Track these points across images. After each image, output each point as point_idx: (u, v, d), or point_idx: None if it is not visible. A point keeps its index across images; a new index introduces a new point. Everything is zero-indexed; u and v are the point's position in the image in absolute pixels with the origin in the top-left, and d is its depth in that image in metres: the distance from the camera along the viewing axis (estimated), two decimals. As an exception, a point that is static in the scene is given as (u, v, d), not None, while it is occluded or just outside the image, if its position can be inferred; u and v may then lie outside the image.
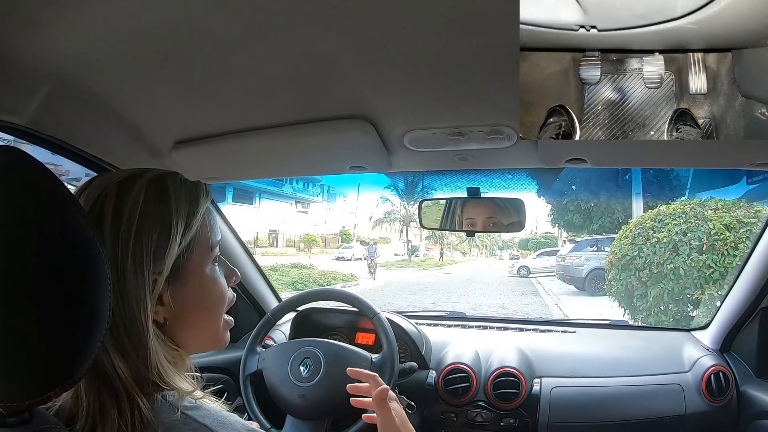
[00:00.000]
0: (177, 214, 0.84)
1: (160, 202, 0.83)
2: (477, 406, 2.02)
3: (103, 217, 0.79)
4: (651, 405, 1.93)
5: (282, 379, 1.93)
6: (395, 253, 31.72)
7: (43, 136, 1.31)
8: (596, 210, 16.21)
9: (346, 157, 1.65)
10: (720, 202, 8.35)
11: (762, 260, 1.85)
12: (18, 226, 0.62)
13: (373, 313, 1.98)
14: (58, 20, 0.97)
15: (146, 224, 0.80)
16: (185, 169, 1.53)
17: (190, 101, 1.35)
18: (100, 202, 0.80)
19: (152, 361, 0.79)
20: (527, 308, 13.39)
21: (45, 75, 1.16)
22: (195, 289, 0.87)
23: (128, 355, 0.78)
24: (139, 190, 0.82)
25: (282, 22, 0.97)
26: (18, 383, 0.64)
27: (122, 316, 0.77)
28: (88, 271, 0.67)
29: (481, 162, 1.65)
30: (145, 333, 0.79)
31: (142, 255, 0.79)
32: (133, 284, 0.78)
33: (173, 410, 0.78)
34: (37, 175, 0.65)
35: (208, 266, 0.90)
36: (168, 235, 0.82)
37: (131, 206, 0.80)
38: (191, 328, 0.88)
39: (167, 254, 0.81)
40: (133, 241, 0.79)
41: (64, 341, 0.65)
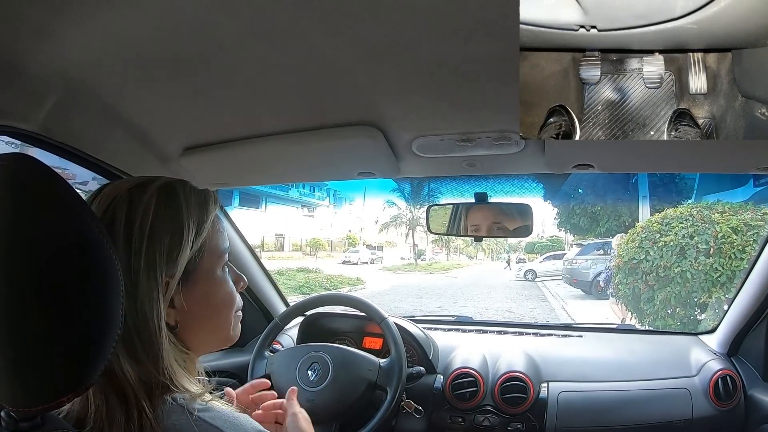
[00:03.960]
0: (188, 218, 0.85)
1: (172, 207, 0.85)
2: (484, 411, 2.02)
3: (115, 222, 0.80)
4: (658, 409, 1.92)
5: (290, 383, 1.92)
6: (401, 257, 31.65)
7: (53, 142, 1.32)
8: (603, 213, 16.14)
9: (355, 163, 1.66)
10: (727, 205, 8.31)
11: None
12: (31, 232, 0.64)
13: (380, 317, 1.99)
14: (67, 28, 0.98)
15: (159, 228, 0.82)
16: (194, 174, 1.54)
17: (200, 108, 1.36)
18: (112, 208, 0.82)
19: (163, 364, 0.80)
20: (534, 312, 13.35)
21: (55, 82, 1.18)
22: (205, 292, 0.89)
23: (139, 358, 0.79)
24: (151, 196, 0.84)
25: (291, 29, 0.98)
26: (31, 389, 0.65)
27: (134, 319, 0.78)
28: (101, 277, 0.68)
29: (488, 168, 1.66)
30: (158, 335, 0.80)
31: (155, 258, 0.81)
32: (145, 287, 0.79)
33: (184, 412, 0.78)
34: (50, 181, 0.66)
35: (218, 270, 0.92)
36: (180, 238, 0.84)
37: (143, 211, 0.82)
38: (201, 331, 0.90)
39: (180, 257, 0.83)
40: (146, 245, 0.80)
41: (77, 347, 0.66)
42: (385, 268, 26.98)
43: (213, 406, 0.82)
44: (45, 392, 0.65)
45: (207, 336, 0.92)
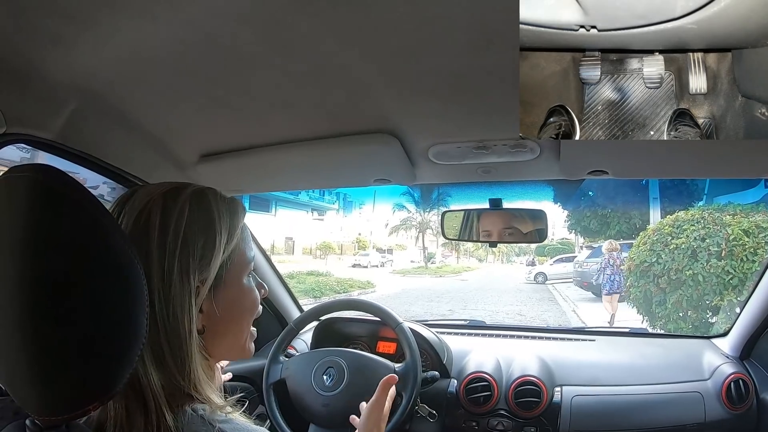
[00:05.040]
0: (220, 225, 0.87)
1: (205, 213, 0.86)
2: (498, 415, 2.02)
3: (150, 224, 0.81)
4: (671, 413, 1.92)
5: (305, 388, 1.96)
6: (411, 260, 31.53)
7: (70, 149, 1.33)
8: (613, 215, 16.06)
9: (371, 171, 1.67)
10: (738, 207, 8.26)
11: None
12: (55, 242, 0.65)
13: (396, 323, 1.99)
14: (85, 38, 1.00)
15: (192, 232, 0.83)
16: (210, 181, 1.55)
17: (216, 116, 1.37)
18: (147, 210, 0.83)
19: (189, 370, 0.81)
20: (544, 315, 13.25)
21: (72, 91, 1.19)
22: (232, 299, 0.90)
23: (165, 363, 0.79)
24: (184, 201, 0.85)
25: (307, 39, 0.99)
26: (56, 398, 0.66)
27: (165, 323, 0.79)
28: (126, 286, 0.69)
29: (503, 174, 1.65)
30: (188, 339, 0.81)
31: (189, 261, 0.82)
32: (179, 291, 0.80)
33: (205, 423, 0.79)
34: (73, 191, 0.67)
35: (244, 278, 0.93)
36: (213, 244, 0.85)
37: (178, 215, 0.83)
38: (223, 338, 0.91)
39: (212, 263, 0.85)
40: (180, 248, 0.81)
41: (102, 356, 0.67)
42: (395, 272, 26.81)
43: (233, 418, 0.83)
44: (70, 401, 0.66)
45: (228, 342, 0.92)
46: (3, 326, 0.64)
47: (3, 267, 0.64)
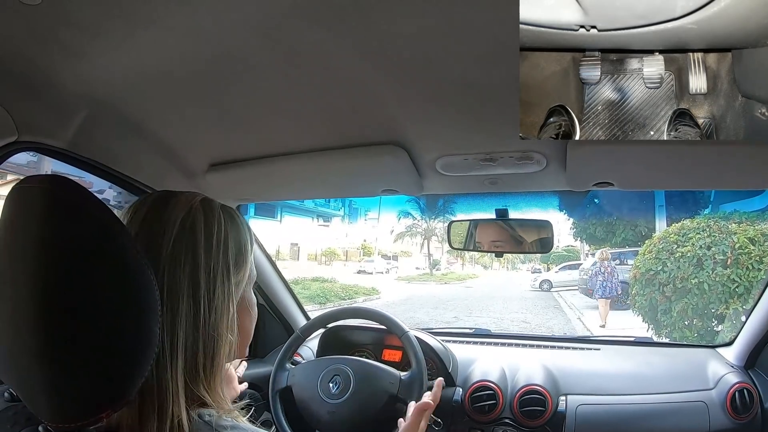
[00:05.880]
0: (246, 236, 0.92)
1: (235, 224, 0.90)
2: (503, 424, 2.02)
3: (195, 228, 0.83)
4: (676, 422, 1.92)
5: (312, 395, 1.96)
6: (416, 267, 31.42)
7: (81, 158, 1.35)
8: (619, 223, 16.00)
9: (379, 181, 1.68)
10: (744, 215, 8.24)
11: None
12: (68, 252, 0.66)
13: (402, 331, 1.99)
14: (97, 48, 1.02)
15: (230, 241, 0.87)
16: (219, 190, 1.57)
17: (226, 126, 1.39)
18: (192, 215, 0.84)
19: (215, 373, 0.83)
20: (550, 322, 13.17)
21: (83, 100, 1.22)
22: (245, 306, 0.94)
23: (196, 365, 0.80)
24: (218, 212, 0.88)
25: (316, 51, 1.01)
26: (69, 405, 0.66)
27: (206, 325, 0.81)
28: (138, 295, 0.70)
29: (510, 185, 1.66)
30: (225, 340, 0.84)
31: (229, 267, 0.85)
32: (220, 291, 0.83)
33: (211, 430, 0.78)
34: (86, 202, 0.68)
35: (251, 288, 0.97)
36: (245, 253, 0.90)
37: (218, 223, 0.86)
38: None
39: (242, 270, 0.90)
40: (222, 253, 0.85)
41: (115, 363, 0.68)
42: (400, 278, 26.70)
43: (239, 423, 0.83)
44: (83, 408, 0.67)
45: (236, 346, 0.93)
46: (17, 333, 0.65)
47: (17, 275, 0.65)
